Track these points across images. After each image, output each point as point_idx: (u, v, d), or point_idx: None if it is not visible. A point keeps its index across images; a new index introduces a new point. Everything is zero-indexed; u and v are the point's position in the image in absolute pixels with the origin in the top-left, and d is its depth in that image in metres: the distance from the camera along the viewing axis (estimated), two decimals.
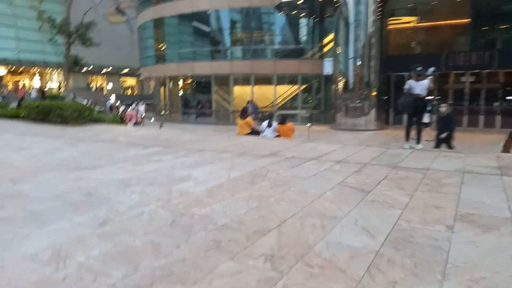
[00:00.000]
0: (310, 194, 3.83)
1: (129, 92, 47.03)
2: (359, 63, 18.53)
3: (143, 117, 19.66)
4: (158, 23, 28.55)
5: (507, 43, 19.11)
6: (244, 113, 10.00)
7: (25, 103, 14.13)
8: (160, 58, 29.17)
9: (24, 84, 40.10)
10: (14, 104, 18.42)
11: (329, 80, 21.96)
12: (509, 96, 18.60)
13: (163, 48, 29.31)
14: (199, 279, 2.12)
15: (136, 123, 16.91)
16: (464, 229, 2.86)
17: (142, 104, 21.99)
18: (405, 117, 8.67)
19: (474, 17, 19.14)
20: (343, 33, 19.15)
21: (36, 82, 41.71)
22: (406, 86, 7.39)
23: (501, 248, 2.55)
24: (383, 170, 4.98)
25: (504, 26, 19.49)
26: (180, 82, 29.12)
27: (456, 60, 18.58)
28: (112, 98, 23.16)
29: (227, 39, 25.93)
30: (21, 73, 40.68)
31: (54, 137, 8.48)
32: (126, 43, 47.05)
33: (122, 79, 48.12)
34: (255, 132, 9.71)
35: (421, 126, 7.59)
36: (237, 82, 25.47)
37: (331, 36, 22.12)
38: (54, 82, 42.06)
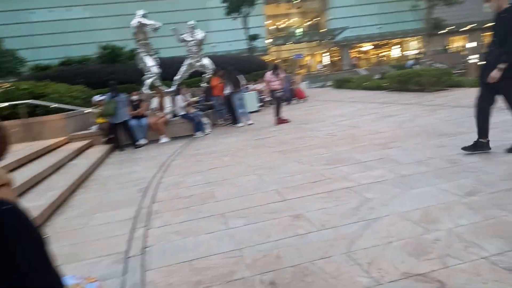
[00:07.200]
0: None
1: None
2: None
3: None
4: None
5: None
6: None
7: (387, 74, 15.52)
8: None
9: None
10: (377, 76, 20.68)
11: None
12: None
13: None
14: None
15: None
16: None
17: None
18: None
19: None
20: None
21: (396, 52, 44.59)
22: None
23: None
24: None
25: None
26: None
27: None
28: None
29: None
30: (381, 46, 44.72)
31: (412, 104, 8.86)
32: None
33: (484, 34, 42.89)
34: None
35: None
36: None
37: None
38: (412, 49, 43.23)
